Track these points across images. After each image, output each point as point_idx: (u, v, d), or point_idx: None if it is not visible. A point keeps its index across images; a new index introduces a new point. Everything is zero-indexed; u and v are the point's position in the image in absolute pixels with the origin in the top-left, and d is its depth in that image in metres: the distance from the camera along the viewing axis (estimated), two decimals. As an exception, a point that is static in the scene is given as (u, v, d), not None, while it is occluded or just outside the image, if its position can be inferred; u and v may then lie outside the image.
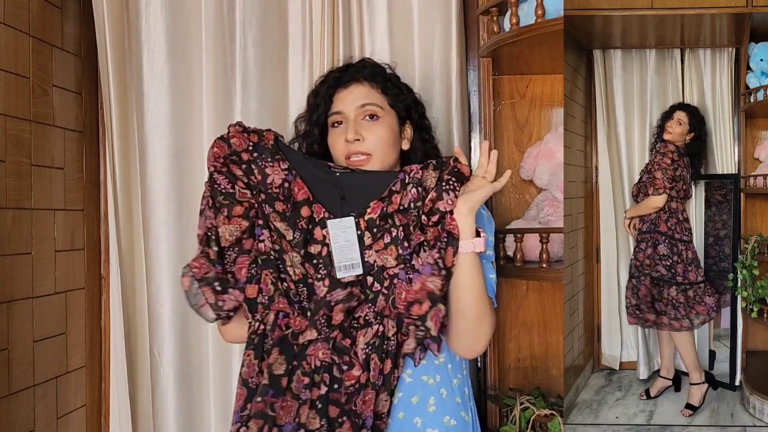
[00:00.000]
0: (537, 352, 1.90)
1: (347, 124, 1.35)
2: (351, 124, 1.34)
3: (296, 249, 1.22)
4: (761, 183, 2.17)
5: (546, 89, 1.93)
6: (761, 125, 2.35)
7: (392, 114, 1.38)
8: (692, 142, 2.23)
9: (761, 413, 2.06)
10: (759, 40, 2.21)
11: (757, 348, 2.32)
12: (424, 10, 1.84)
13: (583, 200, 2.38)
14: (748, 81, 2.23)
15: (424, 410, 1.29)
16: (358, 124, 1.34)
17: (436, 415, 1.29)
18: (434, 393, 1.30)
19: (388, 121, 1.37)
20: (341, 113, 1.36)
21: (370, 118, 1.35)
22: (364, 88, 1.37)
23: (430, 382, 1.30)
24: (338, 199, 1.25)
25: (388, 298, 1.21)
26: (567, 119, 2.03)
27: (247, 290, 1.21)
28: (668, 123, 2.23)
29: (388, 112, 1.37)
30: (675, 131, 2.21)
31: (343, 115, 1.36)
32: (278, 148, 1.27)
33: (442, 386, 1.31)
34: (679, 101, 2.32)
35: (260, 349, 1.21)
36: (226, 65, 1.85)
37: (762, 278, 2.09)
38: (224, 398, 1.88)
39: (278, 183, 1.24)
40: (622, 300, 2.40)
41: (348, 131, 1.33)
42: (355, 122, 1.34)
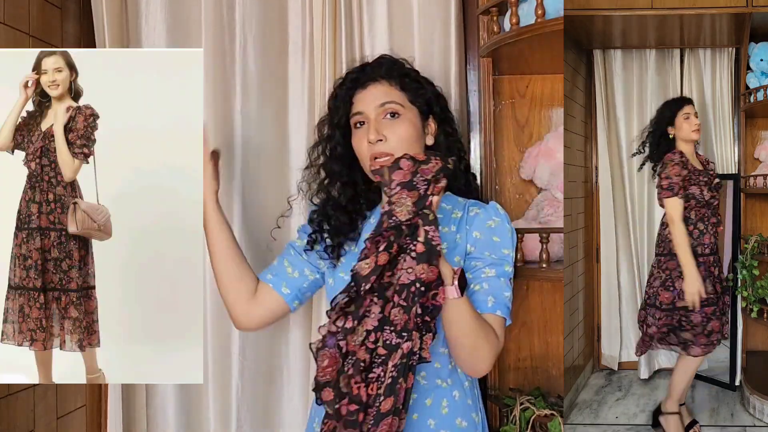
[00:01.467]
0: (537, 352, 1.90)
1: (368, 124, 1.34)
2: (372, 125, 1.33)
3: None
4: (761, 183, 2.17)
5: (546, 89, 1.93)
6: (761, 125, 2.35)
7: (413, 110, 1.37)
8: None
9: (761, 413, 2.06)
10: (759, 40, 2.21)
11: (757, 348, 2.32)
12: (424, 10, 1.83)
13: (583, 200, 2.38)
14: (748, 81, 2.23)
15: (438, 412, 1.31)
16: (379, 123, 1.33)
17: (449, 417, 1.31)
18: (447, 395, 1.32)
19: (409, 117, 1.35)
20: (362, 113, 1.35)
21: (391, 117, 1.34)
22: (383, 87, 1.36)
23: (444, 385, 1.33)
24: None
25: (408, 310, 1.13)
26: (567, 119, 2.02)
27: None
28: (682, 122, 2.02)
29: (409, 109, 1.36)
30: (694, 126, 2.02)
31: (364, 116, 1.35)
32: None
33: (455, 389, 1.34)
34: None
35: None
36: (226, 65, 1.85)
37: (762, 278, 2.09)
38: (223, 399, 1.88)
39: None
40: (621, 300, 2.40)
41: (370, 132, 1.32)
42: (376, 122, 1.33)
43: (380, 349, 1.11)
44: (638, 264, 2.41)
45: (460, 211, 1.38)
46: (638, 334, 2.36)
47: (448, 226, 1.36)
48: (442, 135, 1.42)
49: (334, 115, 1.41)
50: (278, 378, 1.91)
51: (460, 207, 1.39)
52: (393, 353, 1.11)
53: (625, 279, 2.38)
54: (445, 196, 1.42)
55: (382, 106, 1.34)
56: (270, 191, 1.86)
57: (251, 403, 1.89)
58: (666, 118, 2.07)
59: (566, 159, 1.90)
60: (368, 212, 1.46)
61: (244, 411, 1.88)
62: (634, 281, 2.42)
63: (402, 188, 1.14)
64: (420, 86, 1.40)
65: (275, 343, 1.88)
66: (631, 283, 2.43)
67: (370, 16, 1.85)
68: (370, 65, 1.41)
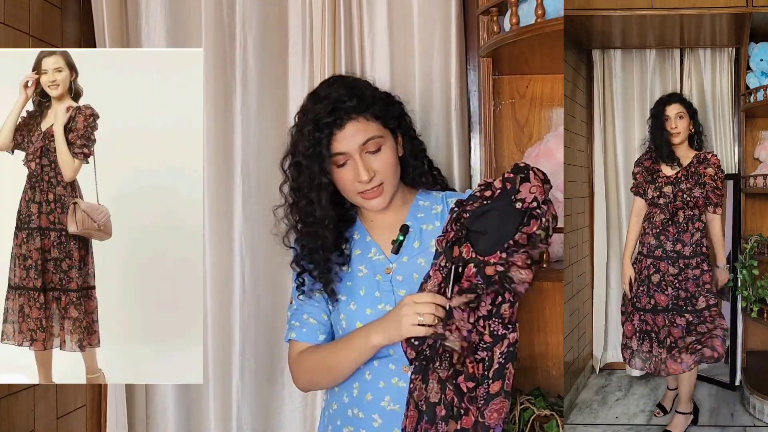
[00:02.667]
0: (537, 352, 1.90)
1: (353, 162, 1.33)
2: (360, 164, 1.32)
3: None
4: (761, 183, 2.17)
5: (546, 89, 1.93)
6: (761, 125, 2.35)
7: (388, 133, 1.37)
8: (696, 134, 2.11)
9: (761, 413, 2.06)
10: (759, 40, 2.20)
11: (757, 348, 2.31)
12: (424, 10, 1.84)
13: (584, 200, 2.38)
14: (748, 81, 2.23)
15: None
16: (365, 160, 1.33)
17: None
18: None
19: (389, 143, 1.36)
20: (345, 153, 1.33)
21: (374, 151, 1.34)
22: (360, 124, 1.33)
23: None
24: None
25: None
26: (567, 119, 2.02)
27: None
28: (668, 124, 2.04)
29: (386, 136, 1.36)
30: (681, 127, 2.02)
31: (347, 155, 1.33)
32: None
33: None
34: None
35: (426, 374, 1.22)
36: (226, 65, 1.85)
37: (762, 278, 2.08)
38: (223, 399, 1.88)
39: None
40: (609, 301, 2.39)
41: (360, 173, 1.32)
42: (362, 160, 1.33)
43: (486, 337, 1.20)
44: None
45: (439, 205, 1.43)
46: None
47: (432, 222, 1.41)
48: (408, 142, 1.42)
49: (315, 160, 1.33)
50: (278, 378, 1.91)
51: (439, 201, 1.44)
52: (500, 342, 1.20)
53: (615, 279, 2.37)
54: (421, 193, 1.46)
55: (364, 145, 1.33)
56: (270, 191, 1.87)
57: (251, 403, 1.89)
58: (656, 115, 2.09)
59: (566, 159, 1.90)
60: (347, 233, 1.45)
61: (244, 411, 1.88)
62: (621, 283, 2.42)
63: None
64: (385, 105, 1.38)
65: (275, 343, 1.88)
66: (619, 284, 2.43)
67: (370, 17, 1.85)
68: (336, 101, 1.33)
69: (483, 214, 1.22)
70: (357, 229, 1.46)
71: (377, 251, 1.42)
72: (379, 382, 1.35)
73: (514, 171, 1.23)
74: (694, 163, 2.03)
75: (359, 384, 1.37)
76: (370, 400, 1.36)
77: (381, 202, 1.37)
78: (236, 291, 1.89)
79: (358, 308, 1.37)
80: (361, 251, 1.43)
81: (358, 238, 1.45)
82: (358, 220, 1.47)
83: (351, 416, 1.37)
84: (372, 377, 1.36)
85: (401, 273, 1.39)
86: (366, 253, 1.43)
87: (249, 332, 1.89)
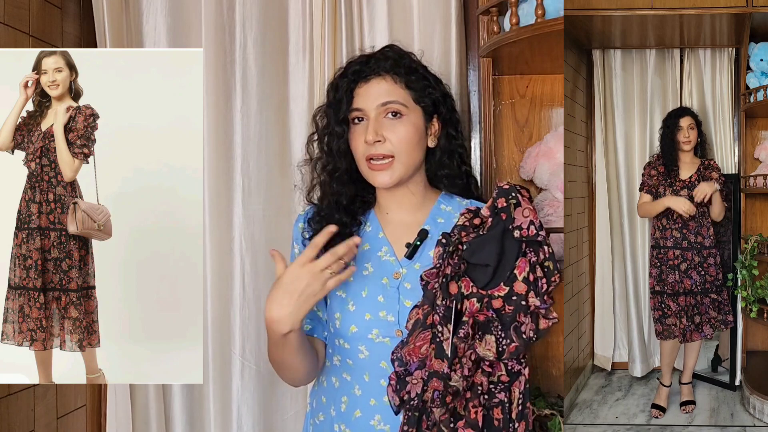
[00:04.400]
0: (537, 352, 1.90)
1: (368, 122, 1.26)
2: (371, 124, 1.25)
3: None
4: (761, 183, 2.17)
5: (546, 89, 1.93)
6: (761, 125, 2.35)
7: (417, 110, 1.29)
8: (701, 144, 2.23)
9: (761, 413, 2.06)
10: (759, 40, 2.21)
11: (757, 348, 2.31)
12: (424, 10, 1.84)
13: (584, 200, 2.38)
14: (748, 81, 2.23)
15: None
16: (379, 123, 1.25)
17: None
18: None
19: (412, 118, 1.27)
20: (361, 110, 1.27)
21: (392, 116, 1.26)
22: (386, 84, 1.27)
23: None
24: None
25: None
26: (568, 119, 2.03)
27: None
28: (681, 134, 2.17)
29: (412, 109, 1.28)
30: (692, 137, 2.19)
31: (363, 112, 1.26)
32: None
33: None
34: (677, 104, 2.29)
35: (420, 427, 1.14)
36: (226, 65, 1.85)
37: (762, 278, 2.09)
38: (223, 399, 1.88)
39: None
40: (616, 300, 2.39)
41: (368, 131, 1.24)
42: (375, 121, 1.25)
43: (503, 377, 1.16)
44: (633, 264, 2.41)
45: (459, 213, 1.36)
46: (629, 335, 2.38)
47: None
48: (444, 138, 1.34)
49: (334, 108, 1.29)
50: (278, 378, 1.91)
51: (460, 209, 1.34)
52: (517, 380, 1.16)
53: (618, 279, 2.37)
54: (444, 196, 1.38)
55: (383, 105, 1.25)
56: (270, 191, 1.87)
57: (251, 403, 1.89)
58: (669, 127, 2.22)
59: (566, 159, 1.90)
60: (362, 216, 1.36)
61: (244, 411, 1.88)
62: (626, 282, 2.42)
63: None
64: (427, 84, 1.30)
65: (275, 343, 1.88)
66: (624, 284, 2.43)
67: (370, 16, 1.85)
68: (374, 57, 1.30)
69: (482, 246, 1.14)
70: (370, 220, 1.36)
71: (388, 251, 1.31)
72: (369, 399, 1.26)
73: (500, 194, 1.17)
74: (701, 169, 2.19)
75: (348, 399, 1.28)
76: (359, 417, 1.26)
77: (387, 179, 1.26)
78: (236, 291, 1.89)
79: (356, 310, 1.27)
80: (370, 246, 1.32)
81: (370, 230, 1.34)
82: (372, 211, 1.37)
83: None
84: (362, 393, 1.27)
85: (411, 281, 1.27)
86: (375, 251, 1.31)
87: (249, 332, 1.89)
